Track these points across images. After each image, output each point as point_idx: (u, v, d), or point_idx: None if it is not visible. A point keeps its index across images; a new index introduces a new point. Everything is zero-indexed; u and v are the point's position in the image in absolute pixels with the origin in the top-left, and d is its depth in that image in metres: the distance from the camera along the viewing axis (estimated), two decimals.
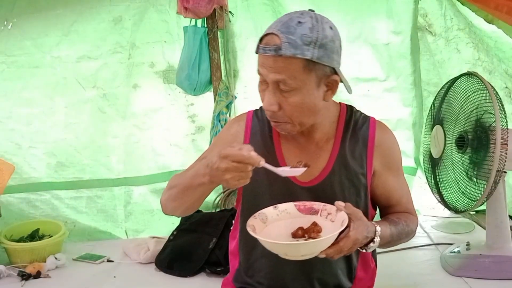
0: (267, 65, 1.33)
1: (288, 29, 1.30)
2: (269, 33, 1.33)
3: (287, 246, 1.26)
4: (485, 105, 2.02)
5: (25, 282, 2.26)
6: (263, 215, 1.37)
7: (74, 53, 2.76)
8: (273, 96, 1.36)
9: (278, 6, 2.83)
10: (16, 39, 2.69)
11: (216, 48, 2.81)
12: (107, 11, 2.75)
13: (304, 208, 1.40)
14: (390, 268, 2.25)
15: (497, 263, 2.15)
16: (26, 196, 2.77)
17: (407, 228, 1.54)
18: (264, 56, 1.33)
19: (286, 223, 1.37)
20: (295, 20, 1.32)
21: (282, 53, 1.29)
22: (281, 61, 1.31)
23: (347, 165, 1.50)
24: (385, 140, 1.54)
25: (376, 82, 2.98)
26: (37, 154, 2.79)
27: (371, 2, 2.89)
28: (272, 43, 1.31)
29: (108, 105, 2.83)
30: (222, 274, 2.22)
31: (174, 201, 1.46)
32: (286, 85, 1.33)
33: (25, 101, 2.76)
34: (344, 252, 1.29)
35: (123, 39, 2.78)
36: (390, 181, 1.56)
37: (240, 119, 1.60)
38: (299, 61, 1.30)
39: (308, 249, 1.25)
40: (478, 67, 2.82)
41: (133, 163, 2.89)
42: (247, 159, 1.22)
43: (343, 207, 1.31)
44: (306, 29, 1.30)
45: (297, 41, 1.29)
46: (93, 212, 2.86)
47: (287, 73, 1.32)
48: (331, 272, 1.56)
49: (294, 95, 1.35)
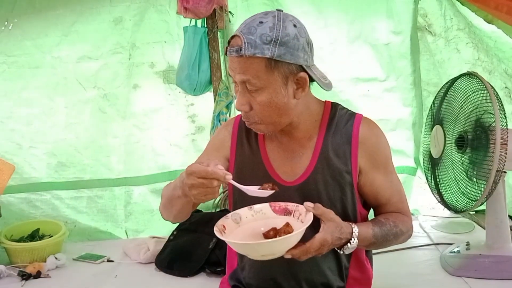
0: (233, 66, 1.37)
1: (249, 29, 1.33)
2: (234, 35, 1.37)
3: (244, 246, 1.27)
4: (485, 105, 2.02)
5: (25, 282, 2.26)
6: (236, 215, 1.38)
7: (75, 54, 2.77)
8: (243, 96, 1.39)
9: (278, 6, 2.82)
10: (17, 39, 2.69)
11: (216, 48, 2.81)
12: (107, 12, 2.75)
13: (279, 209, 1.40)
14: (390, 268, 2.25)
15: (497, 263, 2.15)
16: (26, 196, 2.78)
17: (395, 229, 1.49)
18: (230, 57, 1.37)
19: (261, 224, 1.37)
20: (257, 20, 1.35)
21: (243, 53, 1.32)
22: (243, 61, 1.34)
23: (330, 163, 1.48)
24: (370, 136, 1.50)
25: (376, 82, 2.98)
26: (37, 154, 2.80)
27: (371, 2, 2.89)
28: (235, 45, 1.35)
29: (108, 105, 2.84)
30: (222, 274, 2.21)
31: (165, 209, 1.51)
32: (251, 85, 1.36)
33: (25, 101, 2.76)
34: (311, 253, 1.29)
35: (123, 40, 2.79)
36: (377, 180, 1.52)
37: (228, 124, 1.62)
38: (260, 60, 1.33)
39: (265, 250, 1.24)
40: (478, 67, 2.82)
41: (133, 163, 2.90)
42: (211, 174, 1.22)
43: (311, 208, 1.31)
44: (266, 28, 1.32)
45: (256, 41, 1.31)
46: (93, 212, 2.86)
47: (251, 73, 1.34)
48: (319, 271, 1.54)
49: (260, 94, 1.37)
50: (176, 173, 2.77)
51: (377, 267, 1.73)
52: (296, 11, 2.80)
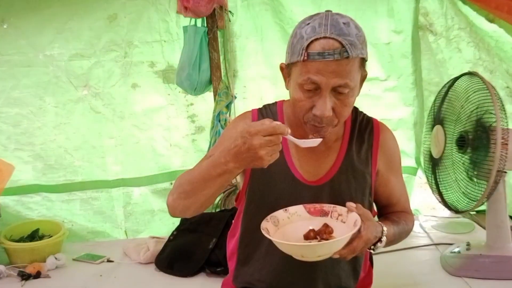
0: (327, 70, 1.29)
1: (341, 31, 1.29)
2: (321, 37, 1.29)
3: (304, 248, 1.27)
4: (486, 105, 2.01)
5: (25, 282, 2.26)
6: (274, 218, 1.38)
7: (67, 52, 2.74)
8: (329, 101, 1.34)
9: (278, 6, 2.82)
10: (12, 38, 2.67)
11: (216, 48, 2.81)
12: (102, 9, 2.73)
13: (314, 210, 1.40)
14: (390, 268, 2.25)
15: (497, 263, 2.14)
16: (19, 198, 2.77)
17: (407, 227, 1.58)
18: (322, 62, 1.29)
19: (297, 226, 1.38)
20: (339, 21, 1.31)
21: (349, 55, 1.28)
22: (345, 64, 1.29)
23: (354, 165, 1.52)
24: (388, 140, 1.57)
25: (377, 82, 2.97)
26: (22, 156, 2.76)
27: (372, 2, 2.89)
28: (332, 47, 1.28)
29: (102, 105, 2.81)
30: (222, 274, 2.21)
31: (186, 199, 1.39)
32: (346, 87, 1.32)
33: (14, 100, 2.72)
34: (356, 252, 1.30)
35: (118, 37, 2.76)
36: (392, 181, 1.59)
37: (245, 117, 1.58)
38: (357, 61, 1.32)
39: (324, 250, 1.26)
40: (479, 66, 2.81)
41: (133, 163, 2.89)
42: (277, 129, 1.20)
43: (354, 208, 1.32)
44: (354, 29, 1.31)
45: (356, 42, 1.30)
46: (89, 214, 2.85)
47: (349, 76, 1.31)
48: (334, 273, 1.57)
49: (349, 96, 1.35)
50: (176, 173, 2.77)
51: (377, 267, 1.74)
52: (297, 10, 2.81)
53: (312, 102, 1.35)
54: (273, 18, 2.84)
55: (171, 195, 1.43)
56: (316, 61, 1.29)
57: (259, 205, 1.49)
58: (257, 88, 2.91)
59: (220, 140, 1.61)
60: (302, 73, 1.33)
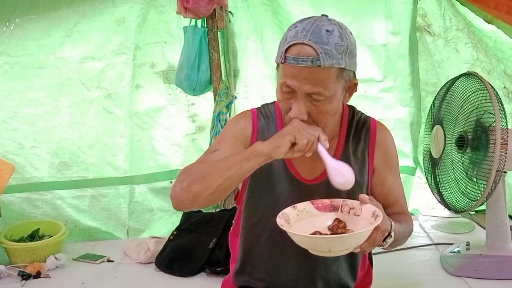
0: (301, 76, 1.30)
1: (321, 38, 1.28)
2: (298, 43, 1.30)
3: (333, 240, 1.24)
4: (485, 105, 2.02)
5: (25, 282, 2.26)
6: (285, 215, 1.36)
7: (78, 54, 2.77)
8: (304, 106, 1.34)
9: (277, 6, 2.83)
10: (19, 40, 2.69)
11: (216, 48, 2.81)
12: (110, 13, 2.75)
13: (323, 206, 1.39)
14: (390, 268, 2.25)
15: (497, 263, 2.15)
16: (27, 195, 2.77)
17: (408, 228, 1.55)
18: (296, 67, 1.30)
19: (307, 222, 1.37)
20: (322, 28, 1.30)
21: (321, 64, 1.28)
22: (317, 72, 1.29)
23: (350, 163, 1.50)
24: (384, 138, 1.57)
25: (373, 83, 2.98)
26: (39, 153, 2.79)
27: (370, 3, 2.90)
28: (306, 54, 1.28)
29: (114, 105, 2.84)
30: (222, 274, 2.22)
31: (201, 182, 1.33)
32: (319, 95, 1.33)
33: (29, 101, 2.76)
34: (375, 245, 1.30)
35: (127, 41, 2.79)
36: (388, 180, 1.58)
37: (245, 115, 1.58)
38: (333, 70, 1.31)
39: (353, 242, 1.24)
40: (477, 67, 2.82)
41: (135, 162, 2.90)
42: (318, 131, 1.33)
43: (367, 199, 1.32)
44: (336, 37, 1.30)
45: (332, 51, 1.28)
46: (95, 210, 2.85)
47: (323, 84, 1.31)
48: (333, 270, 1.57)
49: (325, 103, 1.35)
50: (176, 172, 2.76)
51: (377, 267, 1.74)
52: (295, 11, 2.81)
53: (290, 104, 1.37)
54: (273, 19, 2.84)
55: (178, 185, 1.37)
56: (290, 66, 1.31)
57: (257, 203, 1.49)
58: (258, 88, 2.92)
59: (221, 136, 1.60)
60: (281, 75, 1.35)
